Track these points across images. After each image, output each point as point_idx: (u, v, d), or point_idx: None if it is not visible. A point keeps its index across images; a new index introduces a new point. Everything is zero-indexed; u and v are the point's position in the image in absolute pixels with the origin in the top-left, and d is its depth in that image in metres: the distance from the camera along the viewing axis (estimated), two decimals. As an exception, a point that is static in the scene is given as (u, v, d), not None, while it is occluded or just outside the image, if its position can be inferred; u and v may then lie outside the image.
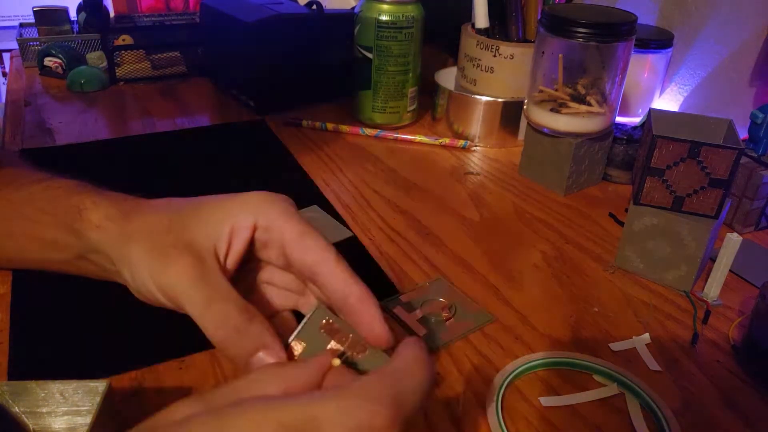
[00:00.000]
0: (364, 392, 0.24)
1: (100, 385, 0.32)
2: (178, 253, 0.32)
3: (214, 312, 0.31)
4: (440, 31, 0.84)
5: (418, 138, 0.78)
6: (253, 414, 0.23)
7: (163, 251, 0.33)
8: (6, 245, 0.43)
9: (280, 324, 0.36)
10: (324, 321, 0.31)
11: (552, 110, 0.65)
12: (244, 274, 0.36)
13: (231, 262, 0.33)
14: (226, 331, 0.30)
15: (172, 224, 0.34)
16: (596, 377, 0.42)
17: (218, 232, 0.33)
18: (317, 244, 0.33)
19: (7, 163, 0.46)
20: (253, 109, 0.85)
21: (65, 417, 0.33)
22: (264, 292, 0.37)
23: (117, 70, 0.94)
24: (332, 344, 0.31)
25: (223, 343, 0.30)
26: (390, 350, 0.30)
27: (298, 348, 0.31)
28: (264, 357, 0.30)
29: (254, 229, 0.34)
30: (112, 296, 0.42)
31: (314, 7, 0.84)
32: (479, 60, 0.75)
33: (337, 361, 0.28)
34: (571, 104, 0.64)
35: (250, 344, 0.30)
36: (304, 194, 0.64)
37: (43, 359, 0.42)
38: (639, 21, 0.64)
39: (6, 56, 2.05)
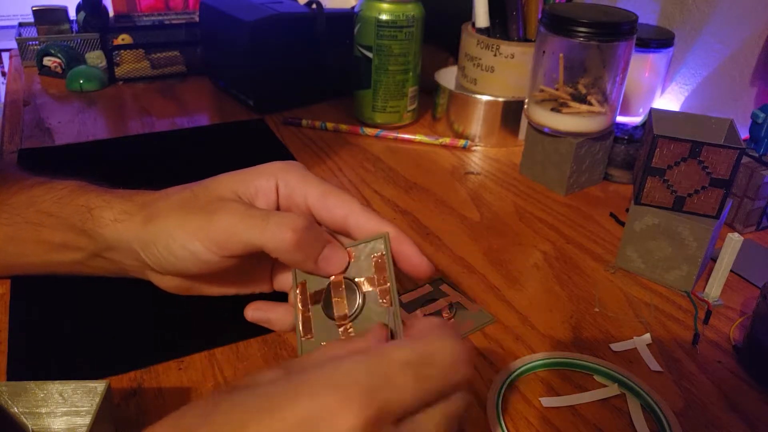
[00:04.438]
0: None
1: (99, 386, 0.32)
2: (221, 204, 0.34)
3: (274, 221, 0.31)
4: (440, 31, 0.84)
5: (418, 137, 0.78)
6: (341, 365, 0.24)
7: (203, 209, 0.34)
8: (8, 250, 0.42)
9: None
10: (379, 253, 0.32)
11: (553, 110, 0.65)
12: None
13: None
14: (295, 233, 0.31)
15: (197, 194, 0.36)
16: (597, 378, 0.42)
17: (246, 192, 0.35)
18: (341, 200, 0.34)
19: (2, 168, 0.46)
20: (253, 109, 0.85)
21: (64, 417, 0.33)
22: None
23: (116, 70, 0.93)
24: (370, 274, 0.32)
25: (293, 247, 0.31)
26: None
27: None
28: (330, 251, 0.32)
29: (277, 192, 0.35)
30: (112, 296, 0.42)
31: (314, 6, 0.84)
32: (480, 59, 0.75)
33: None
34: (572, 104, 0.64)
35: (319, 241, 0.32)
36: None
37: (42, 359, 0.42)
38: (640, 20, 0.63)
39: (5, 56, 2.05)
